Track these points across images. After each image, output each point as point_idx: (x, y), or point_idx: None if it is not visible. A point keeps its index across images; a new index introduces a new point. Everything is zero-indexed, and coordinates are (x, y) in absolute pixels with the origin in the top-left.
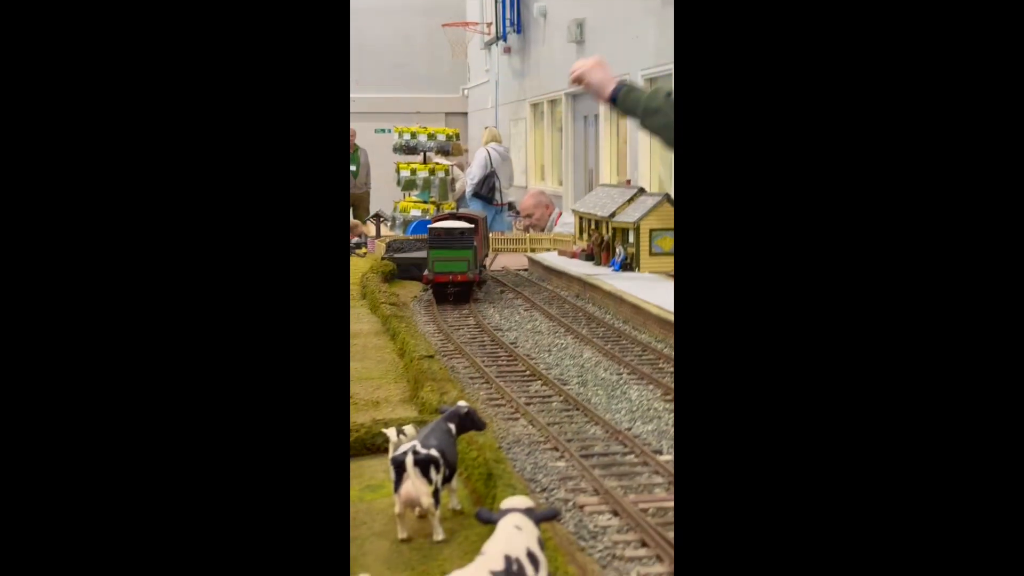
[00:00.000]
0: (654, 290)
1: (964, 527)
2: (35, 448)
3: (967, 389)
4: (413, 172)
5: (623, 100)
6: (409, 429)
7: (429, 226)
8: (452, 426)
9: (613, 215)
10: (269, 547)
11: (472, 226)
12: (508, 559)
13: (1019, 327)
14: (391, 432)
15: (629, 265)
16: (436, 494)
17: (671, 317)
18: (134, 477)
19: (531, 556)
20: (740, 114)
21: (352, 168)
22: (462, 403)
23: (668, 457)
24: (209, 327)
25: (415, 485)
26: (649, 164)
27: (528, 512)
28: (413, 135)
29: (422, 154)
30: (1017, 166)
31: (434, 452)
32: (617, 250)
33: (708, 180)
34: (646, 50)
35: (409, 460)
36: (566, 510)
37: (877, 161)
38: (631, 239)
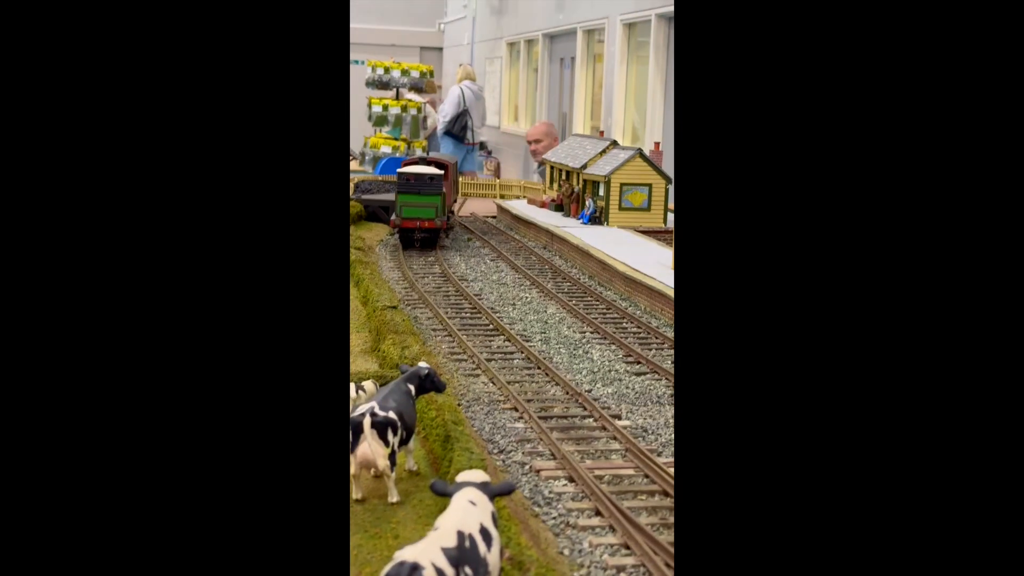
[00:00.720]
0: (622, 246)
1: (962, 517)
2: (35, 412)
3: (965, 361)
4: (385, 108)
5: None
6: (368, 385)
7: (398, 170)
8: (411, 387)
9: (584, 167)
10: (268, 513)
11: (442, 172)
12: (461, 535)
13: (1013, 318)
14: (350, 387)
15: (598, 218)
16: (392, 456)
17: (637, 275)
18: (137, 434)
19: (484, 532)
20: (741, 103)
21: None
22: (423, 364)
23: (626, 423)
24: (205, 291)
25: (372, 447)
26: (623, 112)
27: (483, 487)
28: (387, 70)
29: (395, 90)
30: (1010, 163)
31: (392, 414)
32: (587, 202)
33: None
34: None
35: (366, 422)
36: (522, 473)
37: (877, 153)
38: (601, 192)
